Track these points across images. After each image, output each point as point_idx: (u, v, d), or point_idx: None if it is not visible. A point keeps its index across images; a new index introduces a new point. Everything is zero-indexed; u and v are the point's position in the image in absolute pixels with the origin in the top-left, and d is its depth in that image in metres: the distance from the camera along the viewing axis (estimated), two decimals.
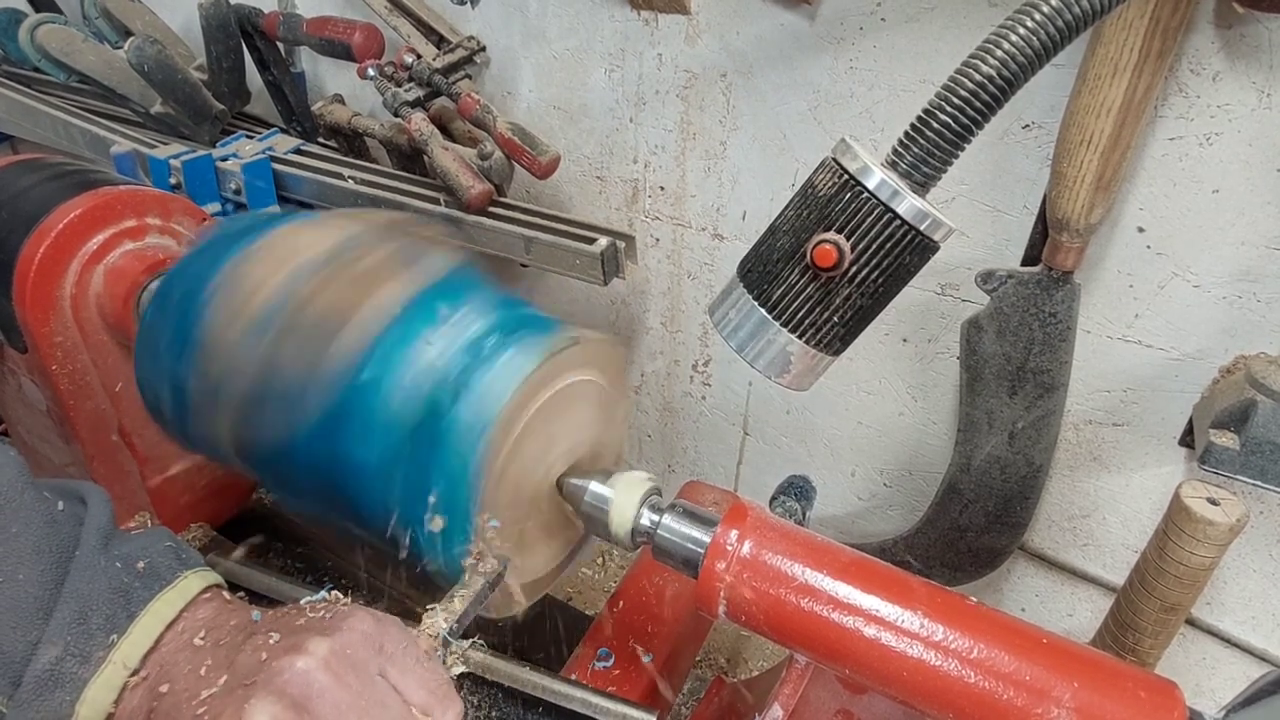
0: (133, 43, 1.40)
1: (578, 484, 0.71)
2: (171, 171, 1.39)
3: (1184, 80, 0.94)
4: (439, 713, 0.52)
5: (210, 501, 1.14)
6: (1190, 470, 1.14)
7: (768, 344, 0.68)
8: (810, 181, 0.66)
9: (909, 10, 1.06)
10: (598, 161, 1.45)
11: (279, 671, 0.47)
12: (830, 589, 0.63)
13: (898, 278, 0.65)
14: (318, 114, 1.54)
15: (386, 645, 0.52)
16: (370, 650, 0.51)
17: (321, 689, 0.47)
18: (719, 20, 1.21)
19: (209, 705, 0.47)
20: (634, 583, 0.99)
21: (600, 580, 1.71)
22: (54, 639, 0.49)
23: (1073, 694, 0.56)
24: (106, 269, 0.92)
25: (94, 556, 0.53)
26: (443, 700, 0.52)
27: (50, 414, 0.99)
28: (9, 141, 1.93)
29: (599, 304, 1.59)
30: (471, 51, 1.42)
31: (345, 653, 0.49)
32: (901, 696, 0.62)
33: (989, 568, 1.29)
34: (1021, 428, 1.14)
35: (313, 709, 0.46)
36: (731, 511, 0.67)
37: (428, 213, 1.35)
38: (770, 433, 1.53)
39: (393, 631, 0.53)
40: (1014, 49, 0.57)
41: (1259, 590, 1.15)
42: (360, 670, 0.50)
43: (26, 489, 0.54)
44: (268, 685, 0.46)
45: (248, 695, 0.46)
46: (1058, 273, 1.04)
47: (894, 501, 1.45)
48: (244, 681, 0.47)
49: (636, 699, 0.81)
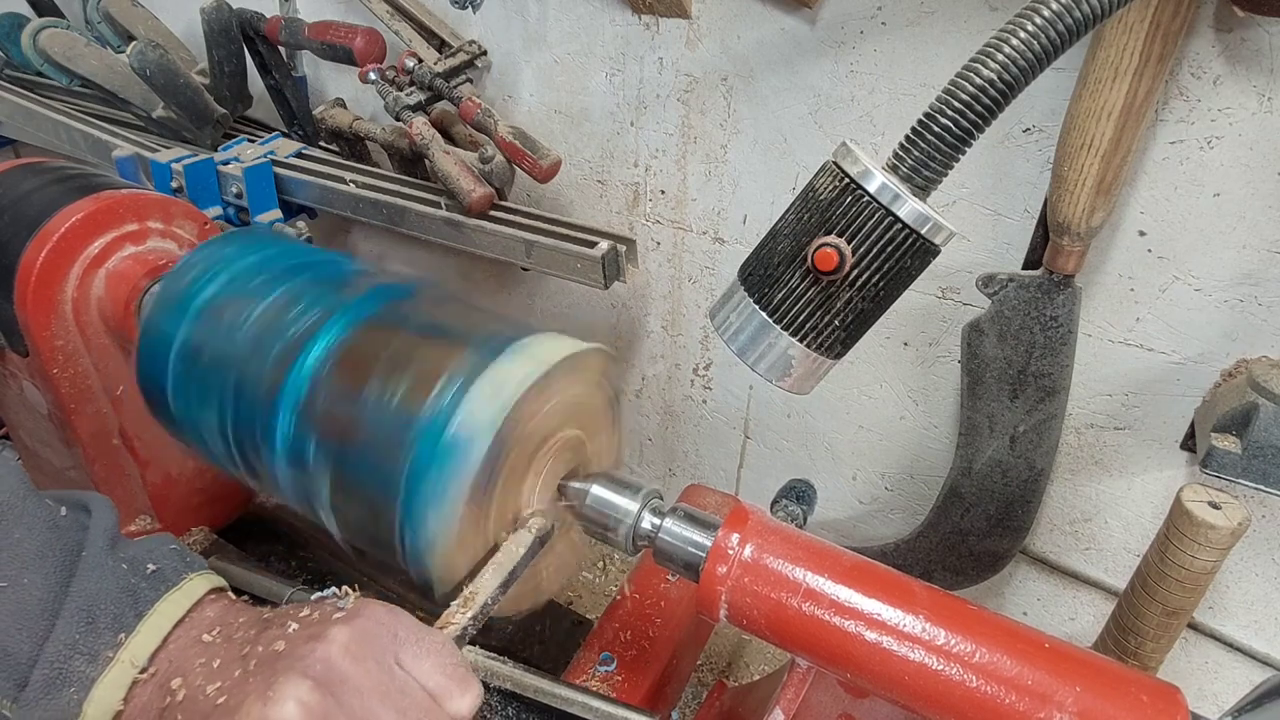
0: (135, 47, 1.40)
1: (578, 488, 0.71)
2: (173, 175, 1.39)
3: (1185, 84, 0.94)
4: (457, 695, 0.51)
5: (211, 505, 1.14)
6: (1192, 474, 1.13)
7: (769, 347, 0.68)
8: (811, 185, 0.66)
9: (909, 14, 1.07)
10: (599, 165, 1.45)
11: (302, 657, 0.47)
12: (832, 593, 0.62)
13: (899, 281, 0.65)
14: (319, 118, 1.54)
15: (401, 632, 0.52)
16: (387, 637, 0.51)
17: (344, 674, 0.47)
18: (720, 24, 1.21)
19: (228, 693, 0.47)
20: (635, 587, 0.99)
21: (601, 584, 1.71)
22: (61, 638, 0.49)
23: (1075, 698, 0.56)
24: (108, 273, 0.92)
25: (101, 558, 0.53)
26: (461, 683, 0.52)
27: (51, 418, 0.99)
28: (11, 145, 1.94)
29: (600, 308, 1.59)
30: (473, 55, 1.43)
31: (364, 640, 0.50)
32: (903, 701, 0.62)
33: (991, 572, 1.29)
34: (1023, 431, 1.14)
35: (335, 693, 0.46)
36: (732, 515, 0.67)
37: (429, 216, 1.36)
38: (771, 436, 1.53)
39: (405, 620, 0.53)
40: (1015, 53, 0.57)
41: (1261, 594, 1.15)
42: (379, 657, 0.50)
43: (28, 496, 0.54)
44: (293, 668, 0.46)
45: (273, 678, 0.46)
46: (1059, 276, 1.04)
47: (895, 505, 1.45)
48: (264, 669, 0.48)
49: (638, 703, 0.81)
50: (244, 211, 1.43)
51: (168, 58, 1.43)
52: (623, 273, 1.29)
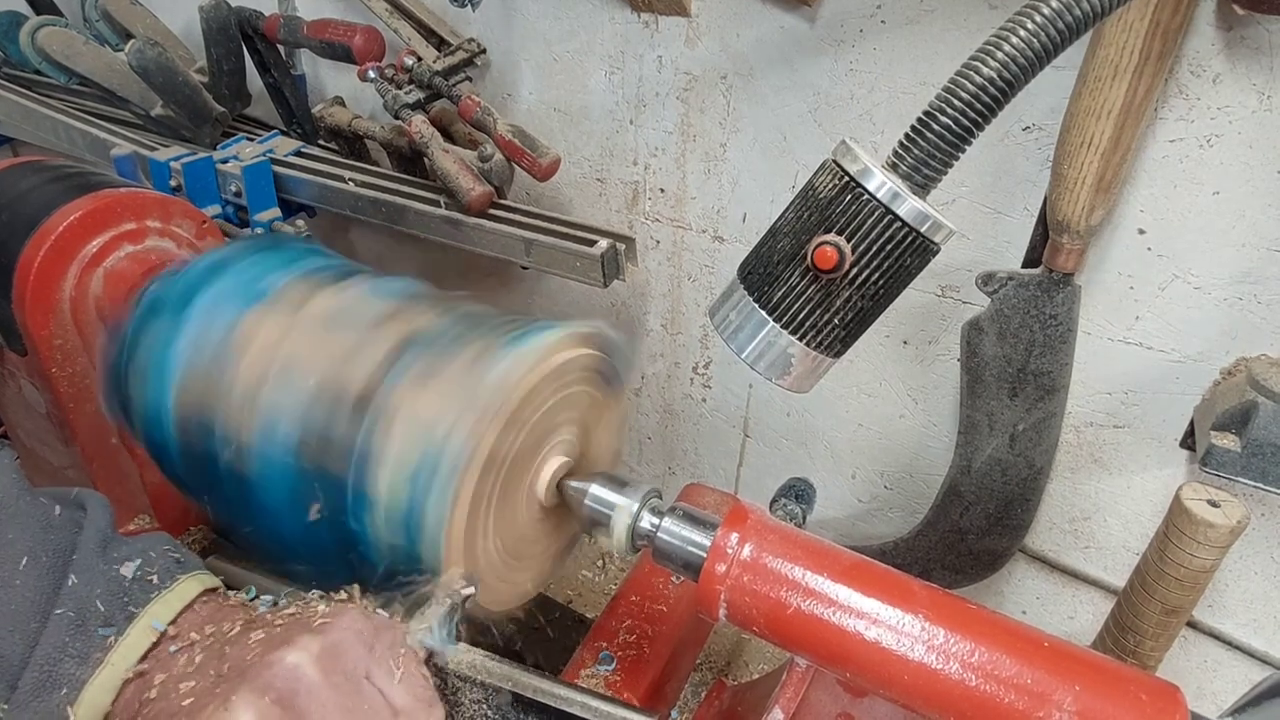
0: (133, 45, 1.40)
1: (578, 487, 0.71)
2: (172, 174, 1.39)
3: (1184, 82, 0.94)
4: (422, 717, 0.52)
5: None
6: (1191, 472, 1.13)
7: (768, 346, 0.68)
8: (811, 183, 0.66)
9: (909, 13, 1.07)
10: (598, 164, 1.45)
11: (268, 665, 0.47)
12: (831, 592, 0.62)
13: (898, 280, 0.65)
14: (318, 116, 1.54)
15: (377, 646, 0.52)
16: (361, 649, 0.51)
17: (310, 685, 0.47)
18: (719, 22, 1.21)
19: (195, 697, 0.47)
20: (634, 586, 0.98)
21: (601, 583, 1.71)
22: (51, 640, 0.49)
23: (1074, 697, 0.56)
24: (106, 272, 0.92)
25: (92, 560, 0.53)
26: (425, 705, 0.53)
27: (50, 417, 0.99)
28: (9, 144, 1.93)
29: (599, 306, 1.59)
30: (472, 54, 1.42)
31: (336, 650, 0.50)
32: (902, 700, 0.61)
33: (990, 570, 1.29)
34: (1022, 430, 1.14)
35: (298, 705, 0.46)
36: (732, 514, 0.67)
37: (428, 215, 1.35)
38: (770, 435, 1.53)
39: (384, 633, 0.53)
40: (1015, 51, 0.57)
41: (1260, 592, 1.15)
42: (349, 669, 0.50)
43: (22, 495, 0.54)
44: (255, 679, 0.46)
45: (233, 689, 0.46)
46: (1058, 275, 1.04)
47: (894, 504, 1.45)
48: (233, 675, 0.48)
49: (637, 703, 0.81)
50: (243, 210, 1.43)
51: (166, 56, 1.43)
52: (622, 271, 1.29)
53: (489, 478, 0.63)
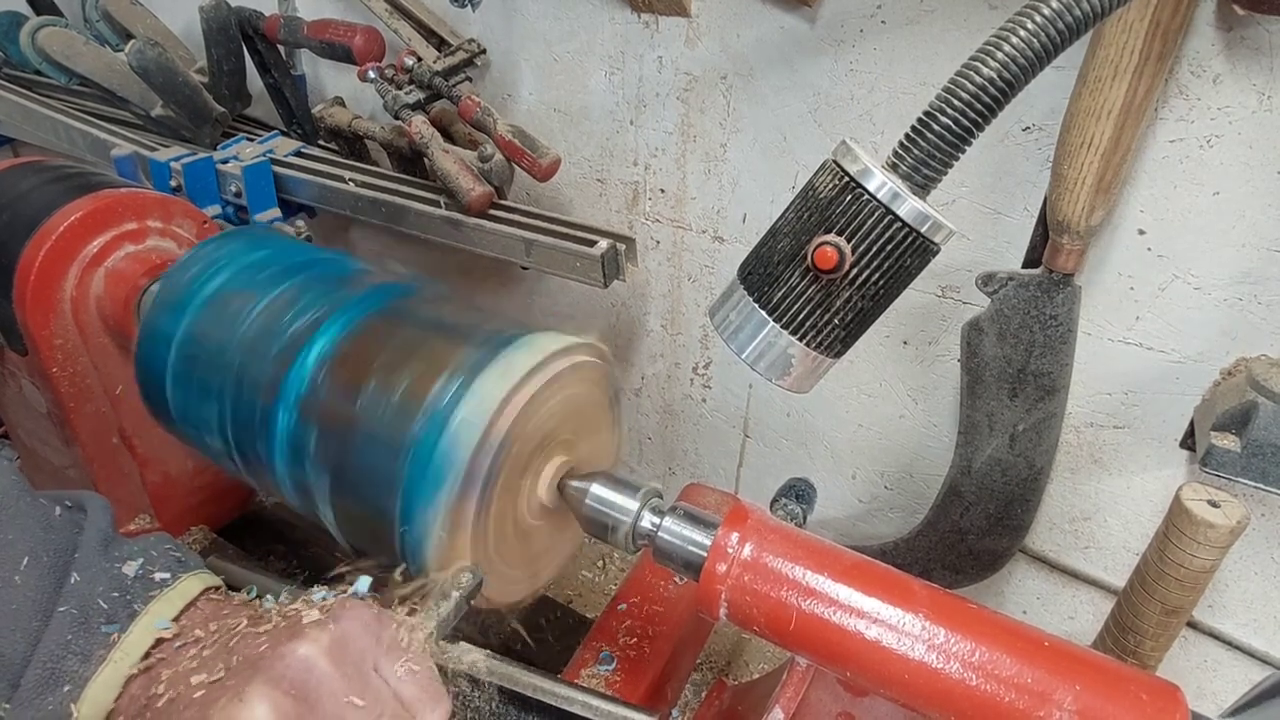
0: (133, 45, 1.40)
1: (578, 486, 0.71)
2: (172, 174, 1.39)
3: (1184, 82, 0.94)
4: (428, 708, 0.52)
5: (210, 504, 1.14)
6: (1191, 473, 1.13)
7: (768, 346, 0.68)
8: (811, 184, 0.66)
9: (909, 13, 1.07)
10: (598, 164, 1.45)
11: (280, 657, 0.47)
12: (831, 591, 0.62)
13: (898, 280, 0.65)
14: (318, 116, 1.54)
15: (384, 637, 0.53)
16: (369, 641, 0.51)
17: (321, 676, 0.48)
18: (719, 23, 1.21)
19: (207, 690, 0.48)
20: (635, 585, 0.99)
21: (601, 583, 1.71)
22: (54, 638, 0.49)
23: (1074, 697, 0.56)
24: (107, 272, 0.92)
25: (94, 558, 0.53)
26: (433, 697, 0.53)
27: (51, 416, 0.99)
28: (10, 144, 1.93)
29: (599, 306, 1.59)
30: (472, 54, 1.42)
31: (345, 642, 0.50)
32: (903, 699, 0.62)
33: (990, 570, 1.29)
34: (1022, 430, 1.14)
35: (310, 696, 0.47)
36: (732, 514, 0.67)
37: (428, 215, 1.35)
38: (771, 435, 1.53)
39: (390, 626, 0.54)
40: (1015, 51, 0.57)
41: (1260, 592, 1.15)
42: (358, 661, 0.50)
43: (22, 496, 0.54)
44: (267, 671, 0.47)
45: (247, 681, 0.46)
46: (1058, 275, 1.04)
47: (894, 504, 1.45)
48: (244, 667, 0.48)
49: (638, 702, 0.81)
50: (243, 210, 1.43)
51: (166, 56, 1.43)
52: (622, 271, 1.29)
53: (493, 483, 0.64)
